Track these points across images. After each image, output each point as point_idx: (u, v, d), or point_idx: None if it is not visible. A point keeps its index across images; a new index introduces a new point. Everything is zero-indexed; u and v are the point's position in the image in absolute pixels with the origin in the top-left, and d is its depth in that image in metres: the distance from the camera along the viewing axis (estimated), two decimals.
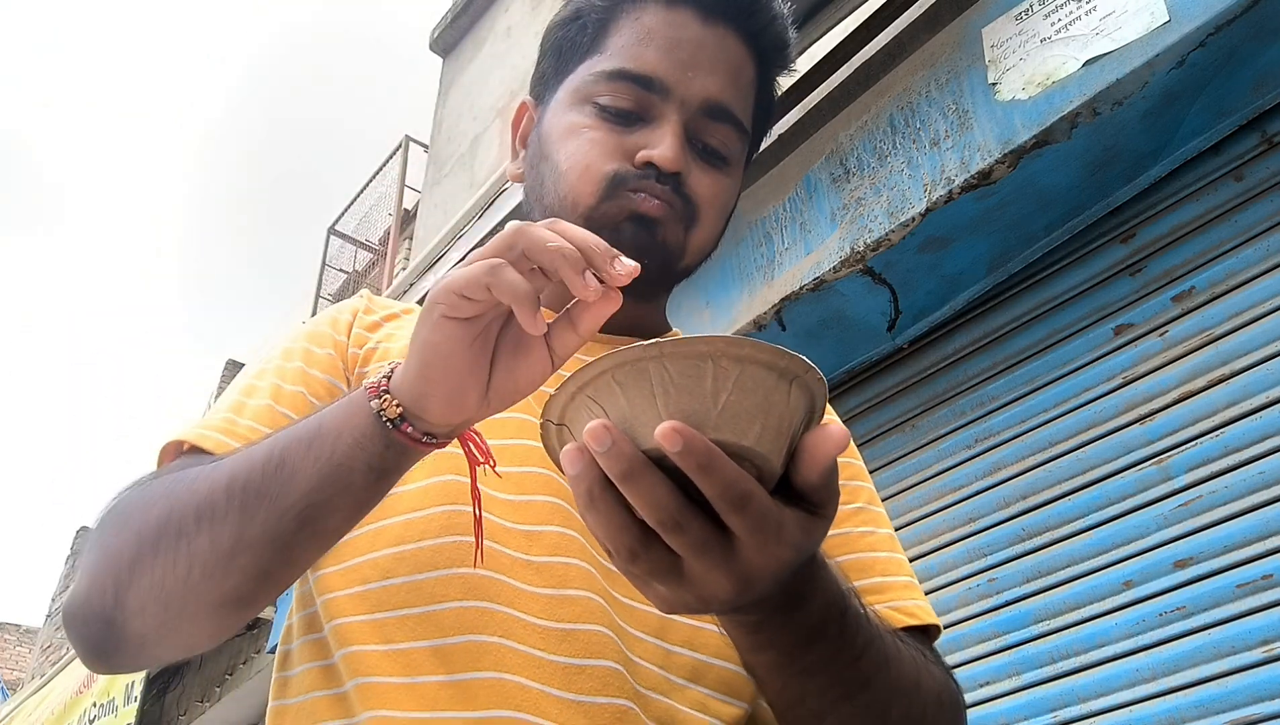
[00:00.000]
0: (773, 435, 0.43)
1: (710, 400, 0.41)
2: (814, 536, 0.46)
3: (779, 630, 0.52)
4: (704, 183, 0.75)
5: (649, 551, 0.44)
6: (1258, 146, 1.72)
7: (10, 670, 12.75)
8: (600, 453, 0.41)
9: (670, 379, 0.41)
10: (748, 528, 0.43)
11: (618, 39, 0.76)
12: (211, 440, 0.68)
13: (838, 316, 2.17)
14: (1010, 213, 1.93)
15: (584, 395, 0.43)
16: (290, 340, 0.78)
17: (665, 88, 0.74)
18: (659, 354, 0.41)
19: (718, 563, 0.44)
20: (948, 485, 2.02)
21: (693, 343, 0.41)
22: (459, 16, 5.08)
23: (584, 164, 0.74)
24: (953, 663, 1.87)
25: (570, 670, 0.62)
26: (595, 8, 0.78)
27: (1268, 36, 1.62)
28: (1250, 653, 1.50)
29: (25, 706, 6.57)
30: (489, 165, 4.22)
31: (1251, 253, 1.69)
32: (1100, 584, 1.71)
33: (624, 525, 0.44)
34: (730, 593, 0.45)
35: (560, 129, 0.77)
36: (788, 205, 2.26)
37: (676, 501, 0.42)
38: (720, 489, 0.41)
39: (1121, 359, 1.82)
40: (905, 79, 2.08)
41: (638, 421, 0.42)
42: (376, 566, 0.66)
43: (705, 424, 0.41)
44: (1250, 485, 1.58)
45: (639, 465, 0.42)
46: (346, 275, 7.24)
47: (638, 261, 0.67)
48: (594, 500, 0.43)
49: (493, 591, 0.64)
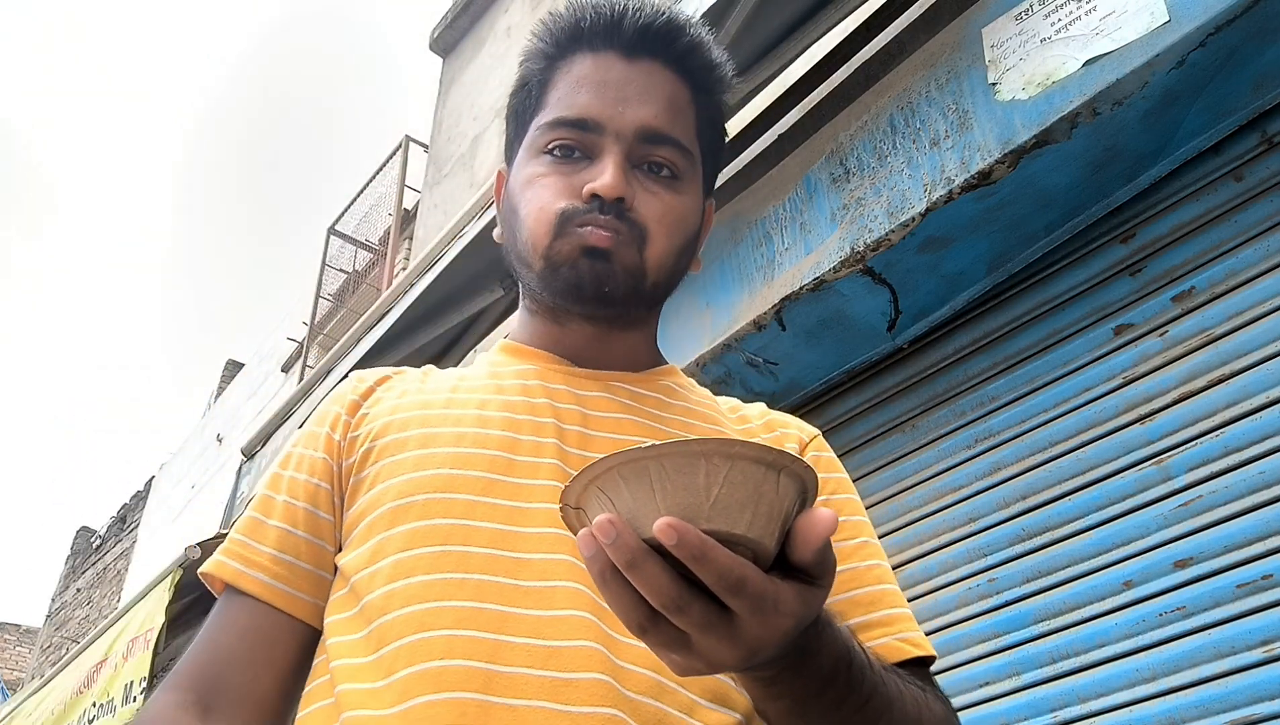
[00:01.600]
0: (764, 521, 0.47)
1: (704, 494, 0.46)
2: (812, 605, 0.50)
3: (791, 682, 0.57)
4: (651, 203, 0.81)
5: (657, 628, 0.49)
6: (1258, 146, 1.72)
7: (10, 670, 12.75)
8: (607, 544, 0.46)
9: (667, 476, 0.46)
10: (746, 608, 0.47)
11: (555, 93, 0.84)
12: (232, 571, 0.78)
13: (838, 316, 2.17)
14: (1010, 213, 1.93)
15: (595, 486, 0.48)
16: (290, 445, 0.86)
17: (599, 125, 0.81)
18: (657, 454, 0.46)
19: (722, 637, 0.48)
20: (948, 485, 2.02)
21: (689, 444, 0.46)
22: (459, 16, 5.08)
23: (538, 206, 0.81)
24: (953, 663, 1.87)
25: (557, 683, 0.65)
26: (535, 72, 0.87)
27: (1268, 36, 1.62)
28: (1250, 653, 1.50)
29: (25, 707, 6.56)
30: (489, 165, 4.22)
31: (1251, 253, 1.69)
32: (1100, 584, 1.71)
33: (634, 604, 0.48)
34: (736, 661, 0.49)
35: (520, 182, 0.84)
36: (788, 205, 2.26)
37: (676, 587, 0.47)
38: (716, 577, 0.46)
39: (1121, 359, 1.82)
40: (905, 79, 2.08)
41: (640, 513, 0.47)
42: (373, 606, 0.70)
43: (699, 515, 0.46)
44: (1250, 485, 1.58)
45: (641, 555, 0.46)
46: (346, 275, 7.24)
47: (598, 289, 0.79)
48: (606, 582, 0.48)
49: (481, 620, 0.67)
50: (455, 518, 0.72)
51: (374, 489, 0.76)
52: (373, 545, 0.73)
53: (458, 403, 0.81)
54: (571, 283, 0.80)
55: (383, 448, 0.79)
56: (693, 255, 0.88)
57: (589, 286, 0.79)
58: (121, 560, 9.59)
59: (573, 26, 0.85)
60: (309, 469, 0.82)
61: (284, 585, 0.77)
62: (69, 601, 10.65)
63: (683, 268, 0.86)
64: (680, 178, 0.83)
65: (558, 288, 0.81)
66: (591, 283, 0.79)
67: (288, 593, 0.77)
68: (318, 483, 0.81)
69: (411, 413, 0.80)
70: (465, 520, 0.72)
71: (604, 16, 0.83)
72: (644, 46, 0.83)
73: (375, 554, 0.72)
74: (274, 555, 0.78)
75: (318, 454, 0.82)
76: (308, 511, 0.80)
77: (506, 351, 0.89)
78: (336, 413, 0.84)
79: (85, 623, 9.68)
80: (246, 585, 0.77)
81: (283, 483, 0.82)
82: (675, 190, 0.83)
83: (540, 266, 0.81)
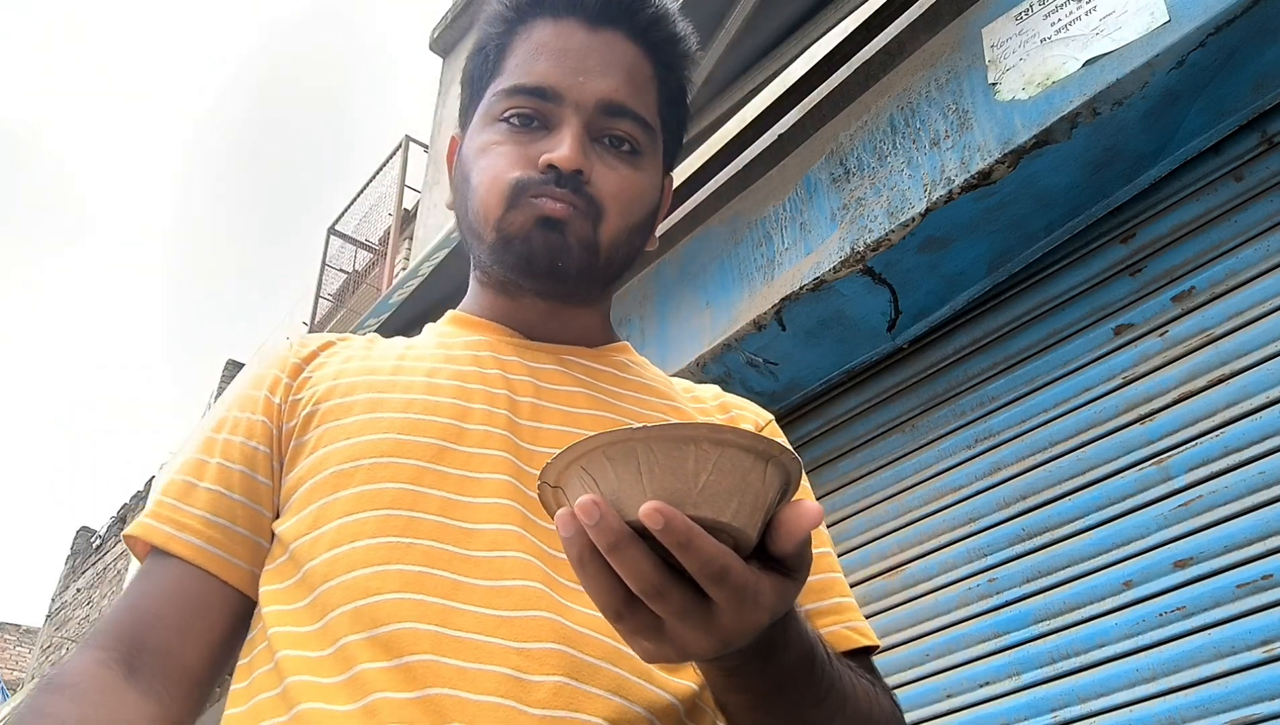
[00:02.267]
0: (749, 510, 0.47)
1: (691, 480, 0.46)
2: (787, 599, 0.50)
3: (754, 676, 0.56)
4: (610, 177, 0.79)
5: (633, 613, 0.48)
6: (1258, 146, 1.72)
7: (10, 670, 12.75)
8: (589, 525, 0.45)
9: (656, 459, 0.45)
10: (727, 597, 0.46)
11: (513, 59, 0.82)
12: (162, 534, 0.74)
13: (838, 316, 2.17)
14: (1010, 213, 1.93)
15: (578, 465, 0.47)
16: (222, 408, 0.83)
17: (558, 94, 0.78)
18: (647, 437, 0.45)
19: (698, 625, 0.47)
20: (948, 485, 2.02)
21: (680, 428, 0.46)
22: (459, 16, 5.08)
23: (491, 175, 0.78)
24: (953, 663, 1.87)
25: (509, 651, 0.63)
26: (493, 36, 0.84)
27: (1268, 36, 1.62)
28: (1250, 653, 1.50)
29: None
30: None
31: (1251, 253, 1.69)
32: (1100, 584, 1.71)
33: (611, 587, 0.47)
34: (709, 650, 0.49)
35: (474, 150, 0.82)
36: (788, 205, 2.26)
37: (658, 573, 0.46)
38: (700, 564, 0.45)
39: (1121, 359, 1.82)
40: (905, 79, 2.08)
41: (625, 496, 0.46)
42: (315, 573, 0.68)
43: (686, 501, 0.45)
44: (1250, 485, 1.58)
45: (624, 539, 0.45)
46: (346, 275, 7.24)
47: (551, 265, 0.77)
48: (584, 564, 0.47)
49: (429, 584, 0.65)
50: (403, 482, 0.69)
51: (316, 453, 0.74)
52: (314, 510, 0.70)
53: (405, 370, 0.79)
54: (523, 256, 0.78)
55: (326, 411, 0.76)
56: (649, 233, 0.86)
57: (541, 260, 0.77)
58: (121, 560, 9.60)
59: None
60: (245, 431, 0.78)
61: (217, 549, 0.73)
62: (69, 601, 10.65)
63: (638, 246, 0.84)
64: (640, 153, 0.81)
65: (509, 261, 0.79)
66: (544, 256, 0.77)
67: (221, 557, 0.73)
68: (255, 446, 0.77)
69: (358, 377, 0.78)
70: (413, 486, 0.69)
71: None
72: (607, 16, 0.81)
73: (317, 519, 0.70)
74: (206, 518, 0.74)
75: (255, 417, 0.79)
76: (244, 474, 0.76)
77: (456, 322, 0.87)
78: (275, 375, 0.81)
79: (85, 623, 9.68)
80: (176, 548, 0.73)
81: (216, 445, 0.78)
82: (634, 165, 0.81)
83: (492, 238, 0.79)
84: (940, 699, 1.87)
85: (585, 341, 0.86)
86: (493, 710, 0.61)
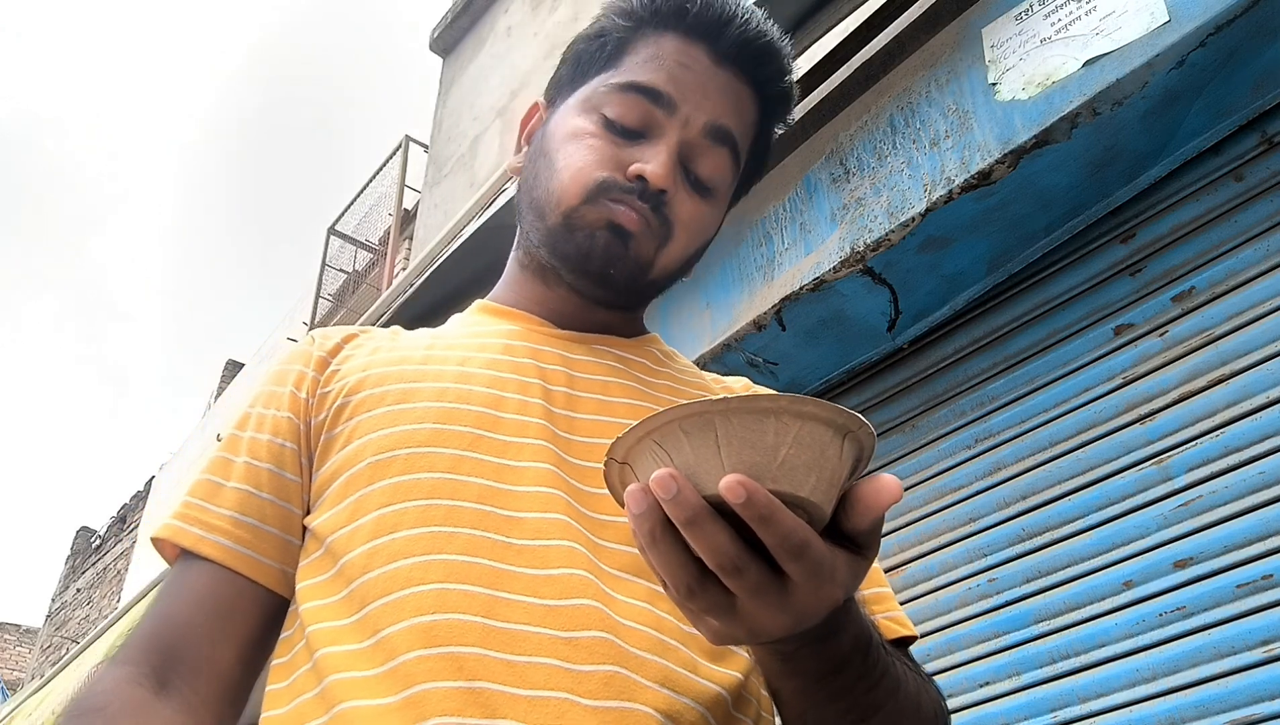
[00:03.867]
0: (826, 486, 0.46)
1: (771, 453, 0.44)
2: (859, 576, 0.50)
3: (810, 659, 0.55)
4: (686, 207, 0.79)
5: (705, 590, 0.47)
6: (1258, 146, 1.72)
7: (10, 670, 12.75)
8: (666, 499, 0.44)
9: (734, 432, 0.44)
10: (804, 573, 0.46)
11: (633, 58, 0.81)
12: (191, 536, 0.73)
13: (838, 316, 2.17)
14: (1010, 213, 1.93)
15: (650, 439, 0.46)
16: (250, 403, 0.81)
17: (671, 103, 0.78)
18: (725, 409, 0.44)
19: (773, 603, 0.47)
20: (948, 485, 2.02)
21: (758, 400, 0.44)
22: (459, 16, 5.08)
23: (577, 166, 0.78)
24: (953, 663, 1.87)
25: (557, 642, 0.62)
26: (619, 28, 0.83)
27: (1268, 36, 1.62)
28: (1250, 653, 1.50)
29: (25, 706, 6.56)
30: (489, 165, 4.21)
31: (1251, 253, 1.69)
32: (1100, 584, 1.71)
33: (683, 564, 0.46)
34: (782, 628, 0.48)
35: (564, 132, 0.81)
36: (788, 205, 2.26)
37: (736, 547, 0.45)
38: (779, 539, 0.44)
39: (1121, 359, 1.82)
40: (905, 79, 2.08)
41: (701, 469, 0.45)
42: (353, 565, 0.67)
43: (765, 475, 0.44)
44: (1250, 485, 1.58)
45: (703, 513, 0.44)
46: (346, 275, 7.24)
47: (604, 270, 0.77)
48: (656, 540, 0.46)
49: (474, 574, 0.64)
50: (441, 472, 0.69)
51: (350, 446, 0.72)
52: (351, 503, 0.69)
53: (436, 359, 0.78)
54: (582, 251, 0.78)
55: (358, 403, 0.75)
56: (699, 258, 0.87)
57: (596, 262, 0.77)
58: (121, 560, 9.59)
59: (678, 4, 0.81)
60: (271, 429, 0.77)
61: (246, 549, 0.72)
62: (69, 601, 10.65)
63: (685, 272, 0.85)
64: (716, 189, 0.82)
65: (565, 251, 0.79)
66: (601, 259, 0.77)
67: (251, 557, 0.72)
68: (282, 442, 0.76)
69: (388, 368, 0.77)
70: (452, 474, 0.68)
71: (712, 11, 0.81)
72: (736, 59, 0.81)
73: (354, 511, 0.69)
74: (235, 518, 0.73)
75: (281, 413, 0.77)
76: (272, 473, 0.75)
77: (485, 311, 0.87)
78: (300, 371, 0.80)
79: (85, 623, 9.68)
80: (205, 550, 0.72)
81: (241, 444, 0.77)
82: (709, 202, 0.82)
83: (555, 221, 0.79)
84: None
85: (617, 332, 0.86)
86: (545, 705, 0.59)
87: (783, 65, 0.84)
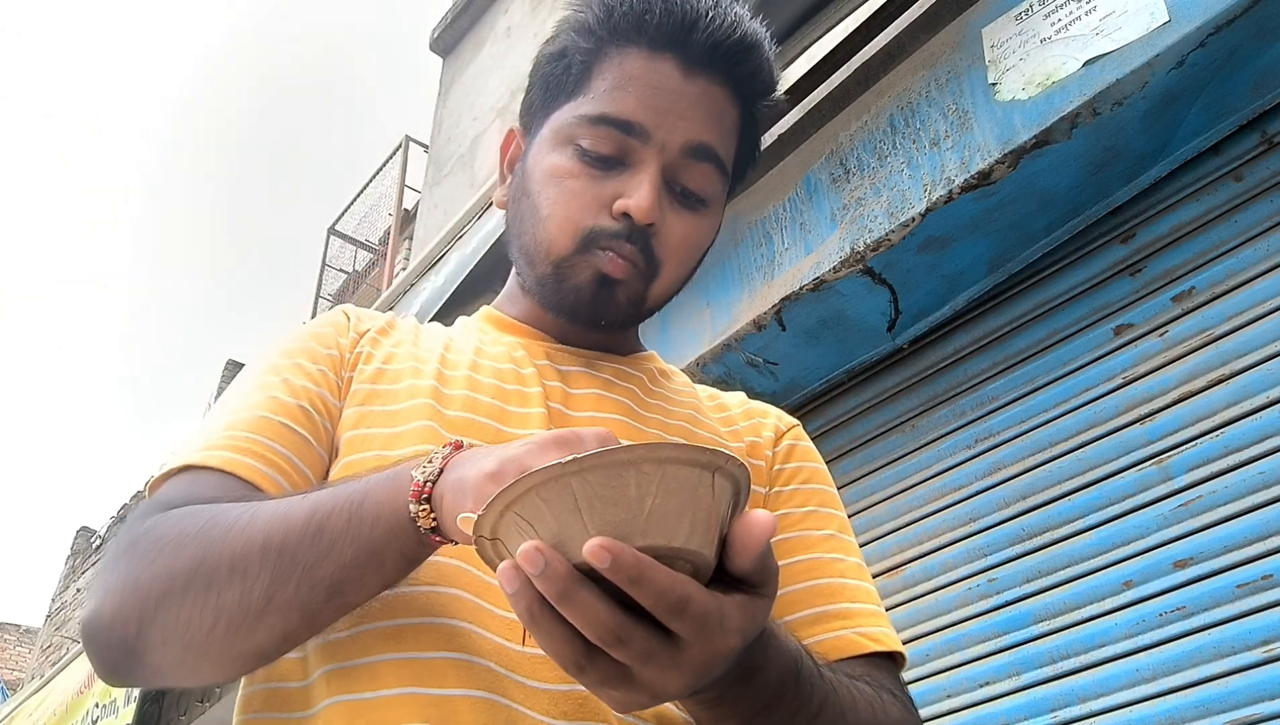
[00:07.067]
0: (703, 529, 0.43)
1: (636, 507, 0.42)
2: (758, 618, 0.47)
3: (736, 701, 0.53)
4: (676, 229, 0.77)
5: (595, 663, 0.44)
6: (1258, 146, 1.72)
7: (10, 670, 12.75)
8: (535, 576, 0.41)
9: (594, 492, 0.41)
10: (691, 629, 0.43)
11: (600, 82, 0.77)
12: (220, 458, 0.67)
13: (838, 316, 2.17)
14: (1010, 213, 1.93)
15: (512, 512, 0.43)
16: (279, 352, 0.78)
17: (645, 132, 0.75)
18: (579, 469, 0.41)
19: (666, 666, 0.44)
20: (948, 485, 2.02)
21: (614, 453, 0.41)
22: (459, 16, 5.08)
23: (563, 215, 0.76)
24: (953, 663, 1.87)
25: (535, 660, 0.62)
26: (580, 49, 0.79)
27: (1268, 36, 1.62)
28: (1250, 653, 1.50)
29: (26, 707, 6.56)
30: (489, 165, 4.22)
31: (1251, 253, 1.69)
32: (1100, 584, 1.71)
33: (567, 640, 0.44)
34: (682, 689, 0.45)
35: (543, 171, 0.78)
36: (788, 205, 2.26)
37: (615, 617, 0.42)
38: (655, 598, 0.42)
39: (1121, 359, 1.82)
40: (905, 79, 2.08)
41: (567, 537, 0.42)
42: None
43: (633, 532, 0.41)
44: (1250, 485, 1.58)
45: (573, 585, 0.41)
46: (346, 275, 7.24)
47: (594, 318, 0.77)
48: (535, 619, 0.43)
49: (464, 580, 0.64)
50: None
51: (357, 430, 0.72)
52: None
53: (451, 363, 0.78)
54: (571, 303, 0.78)
55: (369, 394, 0.75)
56: (696, 270, 0.86)
57: (585, 312, 0.78)
58: None
59: (637, 17, 0.77)
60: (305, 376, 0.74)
61: (278, 475, 0.67)
62: (69, 601, 10.65)
63: (683, 285, 0.84)
64: (708, 202, 0.80)
65: (554, 301, 0.79)
66: (590, 310, 0.78)
67: (278, 480, 0.67)
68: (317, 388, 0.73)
69: (404, 364, 0.77)
70: None
71: (674, 18, 0.76)
72: (707, 62, 0.77)
73: None
74: (266, 443, 0.68)
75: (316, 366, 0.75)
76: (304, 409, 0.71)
77: (490, 321, 0.87)
78: (333, 335, 0.79)
79: None
80: (238, 469, 0.66)
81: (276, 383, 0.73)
82: (701, 214, 0.80)
83: (546, 271, 0.78)
84: (940, 699, 1.86)
85: (615, 349, 0.86)
86: None
87: (759, 59, 0.80)
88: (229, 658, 0.59)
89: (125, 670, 0.63)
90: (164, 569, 0.59)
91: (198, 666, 0.60)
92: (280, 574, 0.56)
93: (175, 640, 0.58)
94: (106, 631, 0.61)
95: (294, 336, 0.80)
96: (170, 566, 0.59)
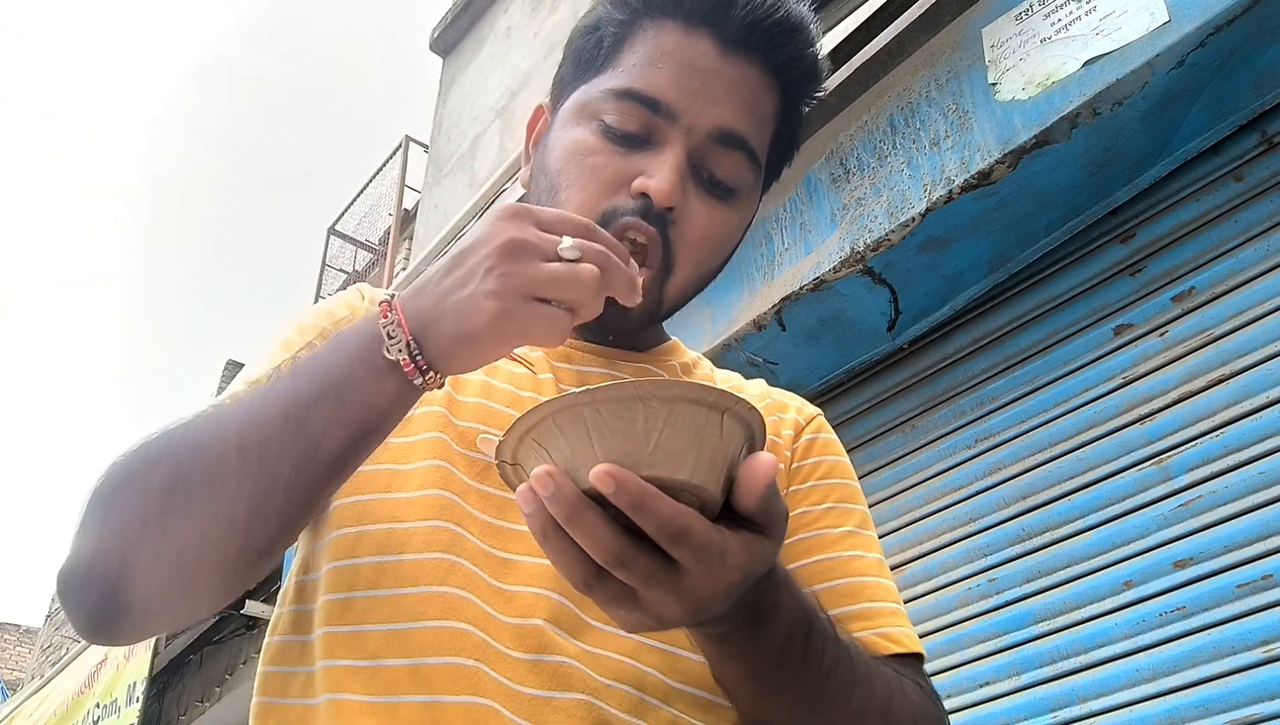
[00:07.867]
0: (708, 466, 0.45)
1: (643, 440, 0.44)
2: (761, 557, 0.48)
3: (746, 645, 0.55)
4: (698, 219, 0.73)
5: (601, 583, 0.46)
6: (1258, 146, 1.72)
7: (10, 670, 12.75)
8: (546, 497, 0.44)
9: (604, 422, 0.44)
10: (691, 558, 0.45)
11: (631, 56, 0.74)
12: None
13: (838, 316, 2.17)
14: (1010, 213, 1.93)
15: (530, 438, 0.46)
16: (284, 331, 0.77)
17: (672, 113, 0.71)
18: (591, 400, 0.44)
19: (667, 591, 0.46)
20: (948, 485, 2.02)
21: (624, 387, 0.44)
22: (459, 16, 5.08)
23: (580, 198, 0.72)
24: (953, 663, 1.87)
25: (537, 702, 0.61)
26: (614, 21, 0.76)
27: (1268, 36, 1.62)
28: (1250, 653, 1.50)
29: (26, 707, 6.57)
30: (489, 165, 4.21)
31: (1251, 253, 1.69)
32: (1100, 584, 1.71)
33: (577, 559, 0.46)
34: (683, 616, 0.47)
35: (564, 145, 0.75)
36: (788, 205, 2.26)
37: (618, 540, 0.44)
38: (658, 525, 0.44)
39: (1121, 359, 1.82)
40: (905, 79, 2.08)
41: (578, 463, 0.44)
42: (359, 575, 0.66)
43: (640, 462, 0.44)
44: (1250, 485, 1.58)
45: (580, 508, 0.44)
46: (346, 275, 7.24)
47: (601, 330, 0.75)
48: (547, 538, 0.46)
49: (470, 613, 0.64)
50: (453, 493, 0.68)
51: None
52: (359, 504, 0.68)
53: None
54: None
55: None
56: (721, 269, 0.81)
57: (593, 325, 0.72)
58: None
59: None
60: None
61: None
62: None
63: (705, 283, 0.80)
64: (737, 193, 0.75)
65: None
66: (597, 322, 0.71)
67: None
68: None
69: None
70: (461, 500, 0.68)
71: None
72: (745, 42, 0.73)
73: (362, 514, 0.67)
74: None
75: None
76: None
77: None
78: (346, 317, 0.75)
79: None
80: None
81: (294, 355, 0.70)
82: (730, 205, 0.75)
83: None
84: (940, 699, 1.87)
85: (636, 345, 0.83)
86: None
87: (802, 42, 0.75)
88: (229, 562, 0.57)
89: (106, 616, 0.60)
90: (136, 495, 0.58)
91: (193, 583, 0.58)
92: (268, 469, 0.56)
93: (167, 561, 0.57)
94: (85, 574, 0.59)
95: (308, 313, 0.78)
96: (142, 491, 0.58)
